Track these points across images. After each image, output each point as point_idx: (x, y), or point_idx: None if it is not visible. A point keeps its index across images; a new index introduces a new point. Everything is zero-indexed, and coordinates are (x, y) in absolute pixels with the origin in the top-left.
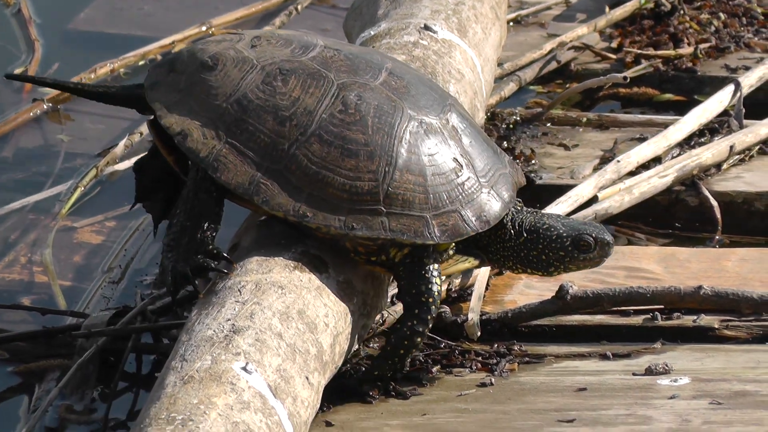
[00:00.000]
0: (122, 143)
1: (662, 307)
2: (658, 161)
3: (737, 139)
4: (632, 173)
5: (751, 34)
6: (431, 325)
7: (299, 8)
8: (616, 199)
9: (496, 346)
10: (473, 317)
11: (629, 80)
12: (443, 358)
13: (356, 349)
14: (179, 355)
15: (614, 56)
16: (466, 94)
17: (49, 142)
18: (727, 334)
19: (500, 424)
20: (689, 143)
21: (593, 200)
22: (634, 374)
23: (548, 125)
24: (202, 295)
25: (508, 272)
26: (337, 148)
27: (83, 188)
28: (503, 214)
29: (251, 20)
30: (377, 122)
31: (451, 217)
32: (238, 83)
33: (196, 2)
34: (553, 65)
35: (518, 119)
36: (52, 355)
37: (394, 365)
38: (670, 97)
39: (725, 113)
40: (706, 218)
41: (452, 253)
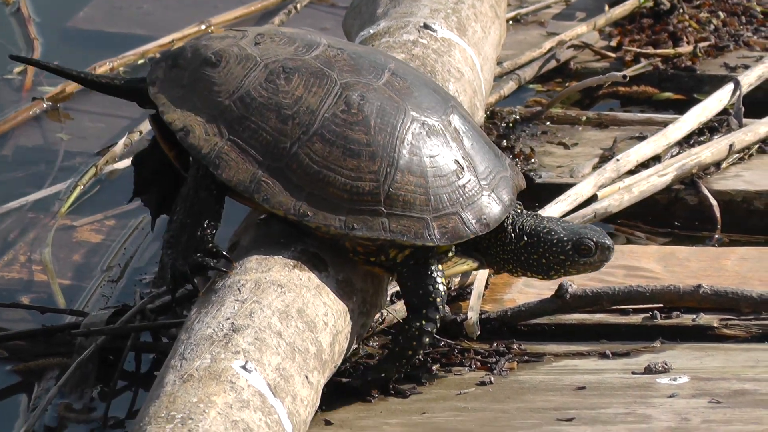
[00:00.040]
0: (121, 142)
1: (661, 305)
2: (657, 160)
3: (737, 137)
4: (632, 172)
5: (750, 32)
6: (439, 324)
7: (298, 7)
8: (615, 197)
9: (495, 344)
10: (472, 316)
11: (629, 79)
12: (442, 356)
13: (355, 347)
14: (179, 353)
15: (614, 55)
16: (465, 92)
17: (48, 140)
18: (726, 332)
19: (499, 422)
20: (689, 142)
21: (593, 199)
22: (633, 373)
23: (548, 124)
24: (201, 293)
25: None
26: (338, 147)
27: (82, 187)
28: (503, 217)
29: (250, 19)
30: (380, 123)
31: (451, 219)
32: (241, 81)
33: (195, 1)
34: (552, 64)
35: (518, 118)
36: (51, 353)
37: (401, 366)
38: (669, 95)
39: (725, 112)
40: (705, 217)
41: (452, 255)
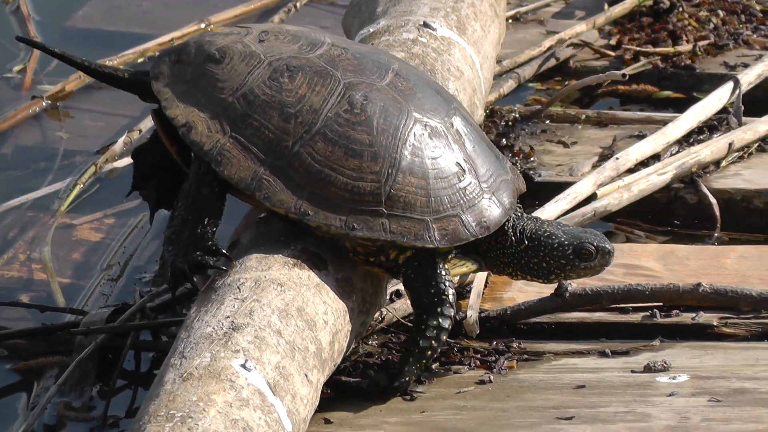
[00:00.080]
0: (121, 140)
1: (661, 304)
2: (657, 158)
3: (736, 136)
4: (631, 170)
5: (749, 31)
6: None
7: (298, 5)
8: (615, 196)
9: (494, 343)
10: (472, 315)
11: (628, 77)
12: (442, 355)
13: (355, 346)
14: (178, 352)
15: (613, 53)
16: (465, 91)
17: (48, 139)
18: (725, 331)
19: (499, 421)
20: (688, 140)
21: (592, 197)
22: (632, 371)
23: (547, 122)
24: (201, 291)
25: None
26: (341, 147)
27: (82, 185)
28: (503, 220)
29: (250, 17)
30: (382, 123)
31: (451, 221)
32: (244, 78)
33: None
34: (552, 62)
35: (517, 116)
36: (50, 352)
37: (422, 366)
38: (669, 94)
39: (724, 110)
40: (705, 215)
41: (451, 257)
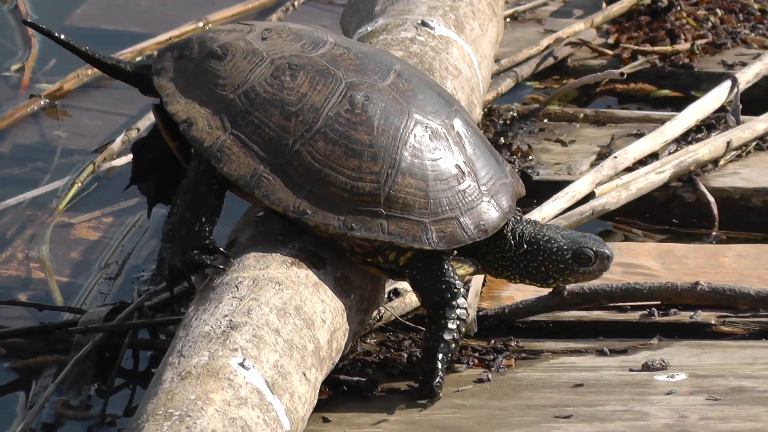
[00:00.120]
0: (119, 139)
1: (659, 303)
2: (655, 157)
3: (734, 135)
4: (629, 169)
5: (747, 30)
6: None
7: (296, 4)
8: (613, 195)
9: (493, 342)
10: (470, 313)
11: (626, 76)
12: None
13: (353, 345)
14: (176, 350)
15: (611, 52)
16: (463, 90)
17: (46, 138)
18: (724, 330)
19: (497, 420)
20: (686, 139)
21: (590, 196)
22: (630, 370)
23: (545, 121)
24: (199, 290)
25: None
26: (341, 147)
27: (80, 184)
28: (502, 223)
29: (248, 16)
30: (383, 124)
31: (449, 223)
32: (246, 75)
33: None
34: (550, 61)
35: (515, 115)
36: (49, 351)
37: (450, 359)
38: (667, 93)
39: (722, 109)
40: (703, 214)
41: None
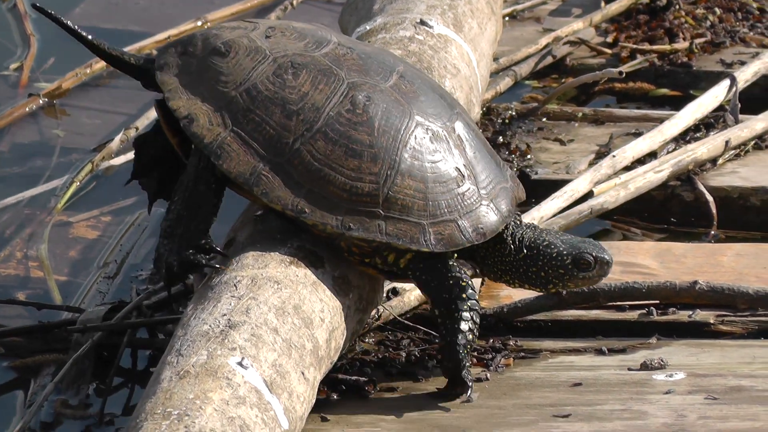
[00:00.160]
0: (118, 138)
1: (658, 302)
2: (653, 156)
3: (733, 134)
4: (628, 168)
5: (746, 29)
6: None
7: (294, 3)
8: (611, 194)
9: (491, 341)
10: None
11: (625, 75)
12: (439, 353)
13: (351, 344)
14: (175, 350)
15: (610, 51)
16: (461, 89)
17: (44, 137)
18: (722, 329)
19: (495, 419)
20: (685, 138)
21: (589, 195)
22: (629, 369)
23: (544, 120)
24: (197, 289)
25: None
26: (341, 146)
27: (79, 183)
28: (500, 227)
29: (247, 15)
30: (384, 125)
31: (448, 226)
32: (248, 73)
33: None
34: (548, 60)
35: (514, 114)
36: (47, 350)
37: (471, 349)
38: (665, 92)
39: (721, 108)
40: (701, 213)
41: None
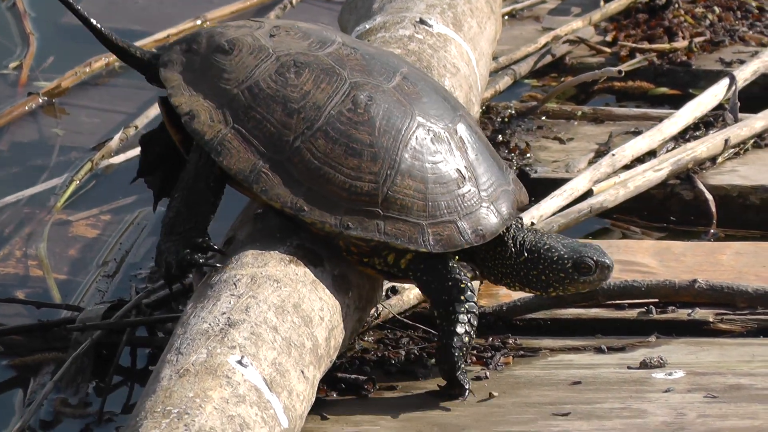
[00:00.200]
0: (117, 137)
1: (657, 300)
2: (653, 155)
3: (732, 132)
4: (627, 167)
5: (745, 27)
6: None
7: (294, 2)
8: (611, 192)
9: (490, 339)
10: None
11: (624, 74)
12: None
13: (351, 343)
14: (174, 348)
15: (609, 50)
16: (461, 88)
17: (44, 135)
18: (722, 327)
19: (495, 417)
20: (684, 137)
21: (588, 194)
22: (629, 368)
23: (543, 119)
24: (197, 288)
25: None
26: (341, 145)
27: (78, 182)
28: (500, 229)
29: (246, 14)
30: (385, 124)
31: (447, 227)
32: (251, 71)
33: None
34: (547, 59)
35: (513, 113)
36: (47, 348)
37: (467, 352)
38: (665, 90)
39: (720, 107)
40: (701, 212)
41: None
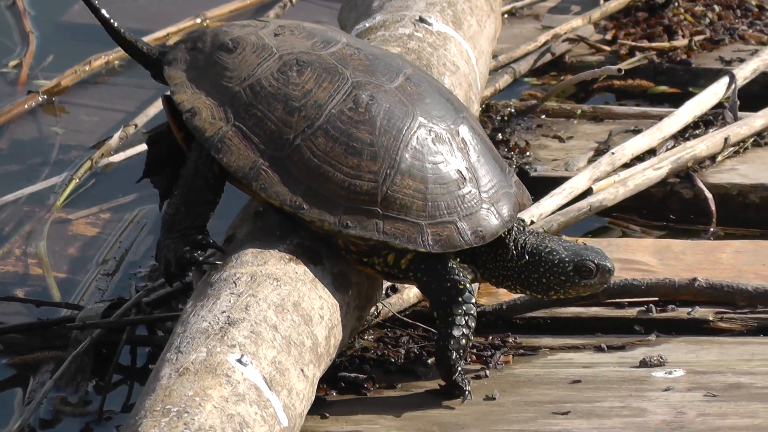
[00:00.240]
0: (117, 135)
1: (657, 299)
2: (652, 153)
3: (732, 131)
4: (627, 165)
5: (745, 26)
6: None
7: (293, 1)
8: (610, 191)
9: (490, 338)
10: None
11: (624, 72)
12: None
13: (351, 341)
14: (174, 347)
15: (609, 48)
16: (461, 86)
17: (43, 134)
18: (721, 326)
19: (495, 416)
20: (684, 135)
21: (588, 192)
22: (629, 366)
23: (543, 117)
24: (196, 286)
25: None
26: (341, 144)
27: (78, 180)
28: (500, 231)
29: (246, 12)
30: (386, 124)
31: (446, 227)
32: (253, 69)
33: None
34: (547, 57)
35: (513, 111)
36: (46, 347)
37: (465, 354)
38: (664, 89)
39: (720, 105)
40: (700, 210)
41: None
